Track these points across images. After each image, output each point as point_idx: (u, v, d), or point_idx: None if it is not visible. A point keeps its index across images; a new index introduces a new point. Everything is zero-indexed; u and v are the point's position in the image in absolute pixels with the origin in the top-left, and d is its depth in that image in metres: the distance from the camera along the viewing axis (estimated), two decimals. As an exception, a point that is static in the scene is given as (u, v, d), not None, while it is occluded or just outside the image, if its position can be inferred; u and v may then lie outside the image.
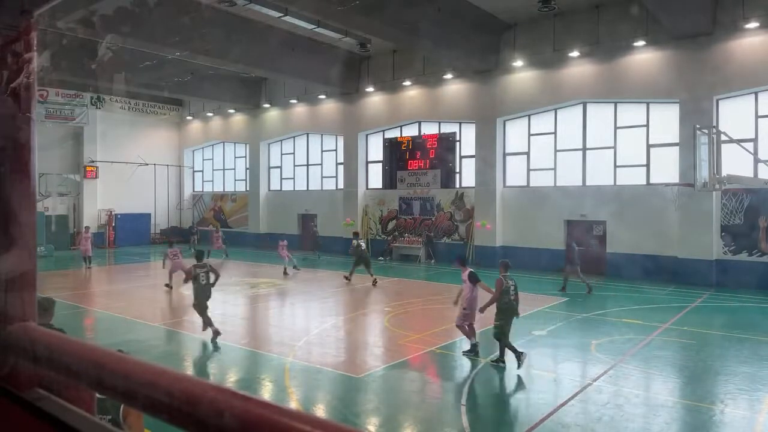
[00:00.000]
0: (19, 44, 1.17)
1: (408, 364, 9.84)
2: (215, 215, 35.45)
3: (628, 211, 19.44)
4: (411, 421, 7.60)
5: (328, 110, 28.88)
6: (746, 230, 17.54)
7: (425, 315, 14.16)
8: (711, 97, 17.91)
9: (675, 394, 8.46)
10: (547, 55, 21.05)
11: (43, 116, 28.76)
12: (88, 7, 16.08)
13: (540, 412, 7.44)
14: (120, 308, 14.37)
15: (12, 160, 1.17)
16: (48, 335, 1.12)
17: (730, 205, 17.85)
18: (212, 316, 11.15)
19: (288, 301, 16.07)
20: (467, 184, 24.18)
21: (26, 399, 1.05)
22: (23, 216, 1.19)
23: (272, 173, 32.71)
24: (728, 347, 10.92)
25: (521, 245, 22.01)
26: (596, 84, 20.42)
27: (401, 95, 25.73)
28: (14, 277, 1.17)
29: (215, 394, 0.77)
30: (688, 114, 17.84)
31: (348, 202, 27.69)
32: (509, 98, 22.45)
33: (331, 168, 29.66)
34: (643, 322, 12.60)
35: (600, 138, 20.68)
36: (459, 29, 19.98)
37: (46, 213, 28.71)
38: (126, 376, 0.90)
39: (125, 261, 25.97)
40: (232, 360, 10.37)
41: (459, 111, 24.03)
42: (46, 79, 24.92)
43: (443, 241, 24.70)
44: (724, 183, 13.60)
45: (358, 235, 19.62)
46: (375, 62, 26.20)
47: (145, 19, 17.82)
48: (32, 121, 1.20)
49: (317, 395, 8.55)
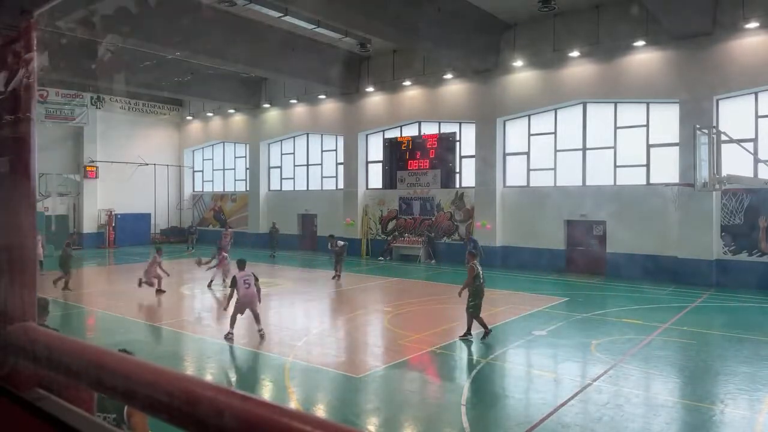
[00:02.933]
0: (19, 44, 1.17)
1: (408, 364, 9.84)
2: (215, 215, 35.47)
3: (628, 211, 19.44)
4: (411, 421, 7.61)
5: (328, 110, 28.88)
6: (746, 230, 17.53)
7: (425, 315, 14.16)
8: (711, 97, 17.91)
9: (675, 394, 8.46)
10: (547, 55, 21.05)
11: (43, 116, 28.76)
12: (88, 7, 16.09)
13: (540, 412, 7.44)
14: (120, 308, 14.37)
15: (12, 160, 1.17)
16: (48, 335, 1.12)
17: (730, 205, 17.85)
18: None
19: (288, 301, 16.07)
20: (467, 184, 24.18)
21: (26, 399, 1.05)
22: (23, 216, 1.19)
23: (272, 173, 32.71)
24: (728, 347, 10.92)
25: (521, 245, 22.02)
26: (596, 84, 20.42)
27: (401, 95, 25.73)
28: (14, 277, 1.17)
29: (215, 394, 0.77)
30: (688, 114, 17.85)
31: (348, 202, 27.69)
32: (509, 98, 22.45)
33: (331, 168, 29.66)
34: (643, 322, 12.59)
35: (600, 138, 20.68)
36: (459, 29, 19.97)
37: (46, 213, 28.71)
38: (126, 376, 0.90)
39: (125, 261, 25.95)
40: (232, 360, 10.37)
41: (459, 111, 24.03)
42: (46, 79, 24.96)
43: (443, 241, 24.71)
44: (724, 183, 13.61)
45: (334, 237, 19.97)
46: (375, 62, 26.20)
47: (145, 19, 17.83)
48: (32, 121, 1.20)
49: (317, 395, 8.55)
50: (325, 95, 28.38)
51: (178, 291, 17.38)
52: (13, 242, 1.18)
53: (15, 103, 1.17)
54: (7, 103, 1.16)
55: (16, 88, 1.17)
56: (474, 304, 10.95)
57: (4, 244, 1.17)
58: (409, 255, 25.07)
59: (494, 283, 19.00)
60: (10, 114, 1.17)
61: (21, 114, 1.18)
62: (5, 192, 1.17)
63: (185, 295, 17.19)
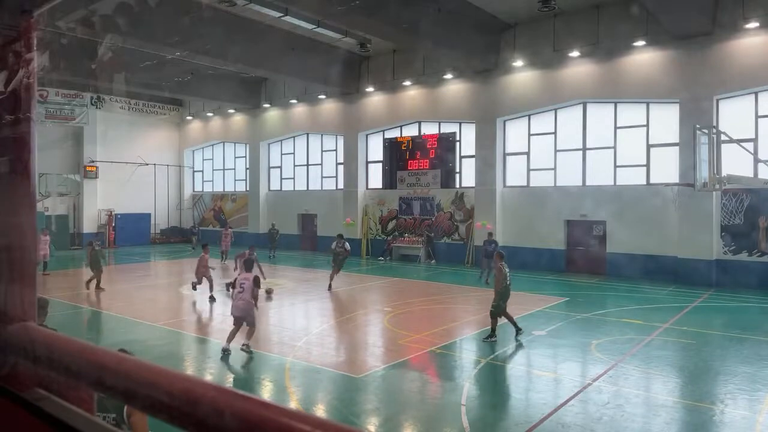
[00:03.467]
0: (19, 44, 1.17)
1: (408, 364, 9.84)
2: (215, 215, 35.48)
3: (628, 211, 19.44)
4: (411, 421, 7.60)
5: (328, 110, 28.88)
6: (746, 230, 17.54)
7: (425, 315, 14.16)
8: (711, 97, 17.92)
9: (675, 394, 8.46)
10: (547, 55, 21.05)
11: (43, 116, 28.77)
12: (88, 7, 16.08)
13: (540, 412, 7.44)
14: (120, 308, 14.37)
15: (12, 160, 1.17)
16: (48, 335, 1.12)
17: (730, 205, 17.85)
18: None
19: (288, 300, 16.07)
20: (467, 184, 24.18)
21: (26, 399, 1.05)
22: (23, 216, 1.19)
23: (272, 173, 32.71)
24: (728, 347, 10.91)
25: (521, 245, 22.01)
26: (596, 84, 20.42)
27: (401, 95, 25.73)
28: (14, 277, 1.17)
29: (215, 394, 0.77)
30: (688, 114, 17.85)
31: (348, 202, 27.69)
32: (509, 98, 22.45)
33: (331, 168, 29.66)
34: (643, 322, 12.60)
35: (600, 138, 20.68)
36: (459, 29, 19.98)
37: (46, 213, 28.70)
38: (126, 376, 0.90)
39: (125, 261, 25.96)
40: (232, 360, 10.36)
41: (459, 111, 24.03)
42: (46, 79, 24.94)
43: (443, 241, 24.71)
44: (724, 183, 13.60)
45: (343, 237, 18.95)
46: (375, 62, 26.20)
47: (145, 19, 17.82)
48: (32, 121, 1.20)
49: (317, 395, 8.55)
50: (325, 95, 28.39)
51: (177, 291, 17.39)
52: (13, 242, 1.18)
53: (15, 103, 1.17)
54: (7, 103, 1.16)
55: (16, 88, 1.17)
56: (496, 305, 10.97)
57: (4, 244, 1.17)
58: (409, 255, 25.07)
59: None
60: (10, 114, 1.17)
61: (21, 114, 1.18)
62: (5, 192, 1.17)
63: (184, 296, 17.18)
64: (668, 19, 17.22)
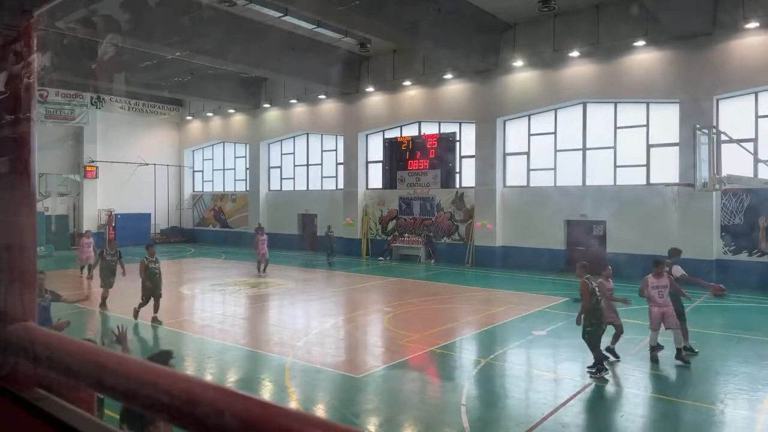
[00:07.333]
0: (19, 44, 1.17)
1: (408, 364, 9.83)
2: (215, 215, 35.48)
3: (628, 211, 19.43)
4: (411, 421, 7.60)
5: (328, 110, 28.88)
6: (746, 230, 17.53)
7: (425, 315, 14.15)
8: (711, 97, 17.91)
9: (675, 394, 8.46)
10: (547, 55, 21.05)
11: (43, 116, 28.75)
12: (88, 7, 16.08)
13: (540, 412, 7.44)
14: (120, 308, 14.35)
15: (12, 160, 1.17)
16: (48, 335, 1.12)
17: (730, 205, 17.85)
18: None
19: (288, 300, 16.07)
20: (467, 184, 24.18)
21: (26, 399, 1.05)
22: (23, 216, 1.19)
23: (272, 173, 32.71)
24: (728, 347, 10.92)
25: (521, 245, 22.01)
26: (596, 84, 20.41)
27: (401, 95, 25.73)
28: (14, 277, 1.17)
29: (215, 394, 0.77)
30: (688, 114, 17.84)
31: (348, 202, 27.69)
32: (509, 98, 22.45)
33: (331, 168, 29.65)
34: (643, 322, 12.57)
35: (600, 138, 20.68)
36: (459, 29, 19.98)
37: (46, 213, 28.69)
38: (126, 376, 0.90)
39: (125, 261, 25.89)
40: (232, 360, 10.37)
41: (459, 111, 24.02)
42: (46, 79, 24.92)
43: (443, 241, 24.71)
44: (724, 183, 13.59)
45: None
46: (375, 62, 26.19)
47: (145, 19, 17.82)
48: (32, 121, 1.20)
49: (317, 395, 8.55)
50: (325, 95, 28.38)
51: (177, 291, 17.38)
52: (13, 242, 1.18)
53: (15, 103, 1.17)
54: (7, 103, 1.16)
55: (16, 89, 1.17)
56: (591, 330, 8.88)
57: (4, 244, 1.17)
58: (409, 255, 25.07)
59: (494, 283, 19.03)
60: (10, 114, 1.17)
61: (21, 114, 1.18)
62: (5, 192, 1.17)
63: (184, 295, 17.18)
64: (668, 19, 17.22)
